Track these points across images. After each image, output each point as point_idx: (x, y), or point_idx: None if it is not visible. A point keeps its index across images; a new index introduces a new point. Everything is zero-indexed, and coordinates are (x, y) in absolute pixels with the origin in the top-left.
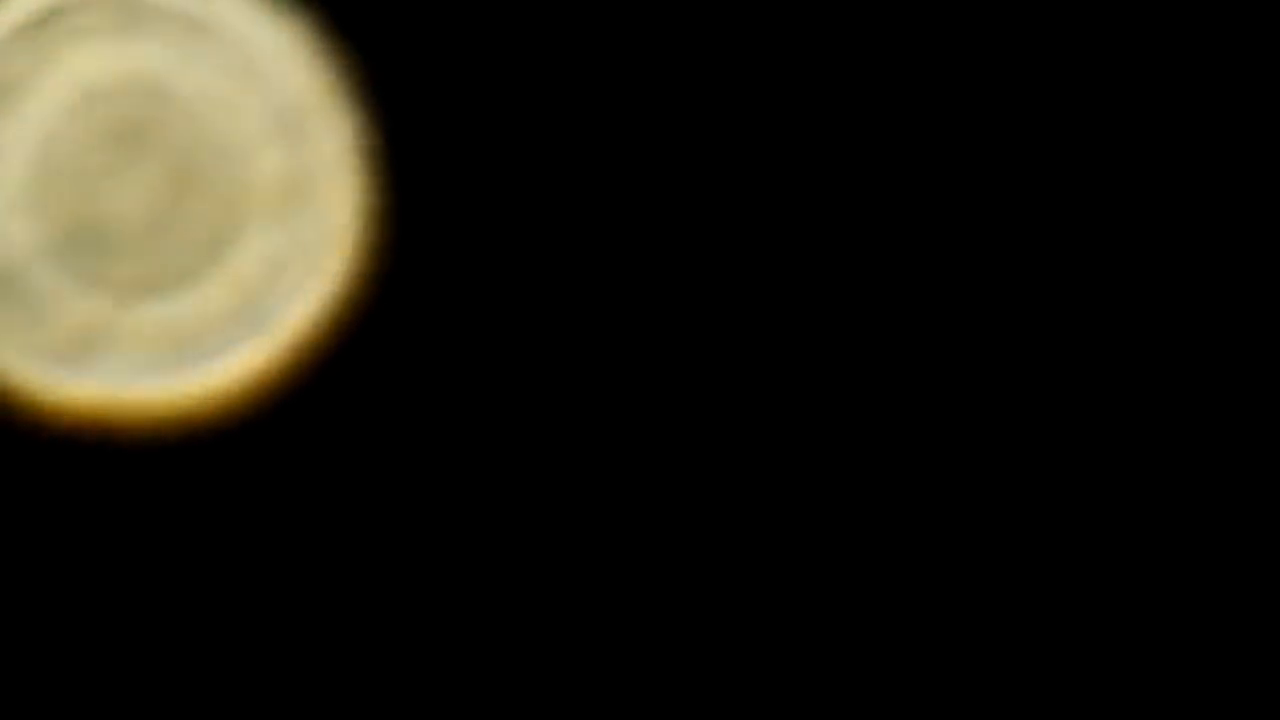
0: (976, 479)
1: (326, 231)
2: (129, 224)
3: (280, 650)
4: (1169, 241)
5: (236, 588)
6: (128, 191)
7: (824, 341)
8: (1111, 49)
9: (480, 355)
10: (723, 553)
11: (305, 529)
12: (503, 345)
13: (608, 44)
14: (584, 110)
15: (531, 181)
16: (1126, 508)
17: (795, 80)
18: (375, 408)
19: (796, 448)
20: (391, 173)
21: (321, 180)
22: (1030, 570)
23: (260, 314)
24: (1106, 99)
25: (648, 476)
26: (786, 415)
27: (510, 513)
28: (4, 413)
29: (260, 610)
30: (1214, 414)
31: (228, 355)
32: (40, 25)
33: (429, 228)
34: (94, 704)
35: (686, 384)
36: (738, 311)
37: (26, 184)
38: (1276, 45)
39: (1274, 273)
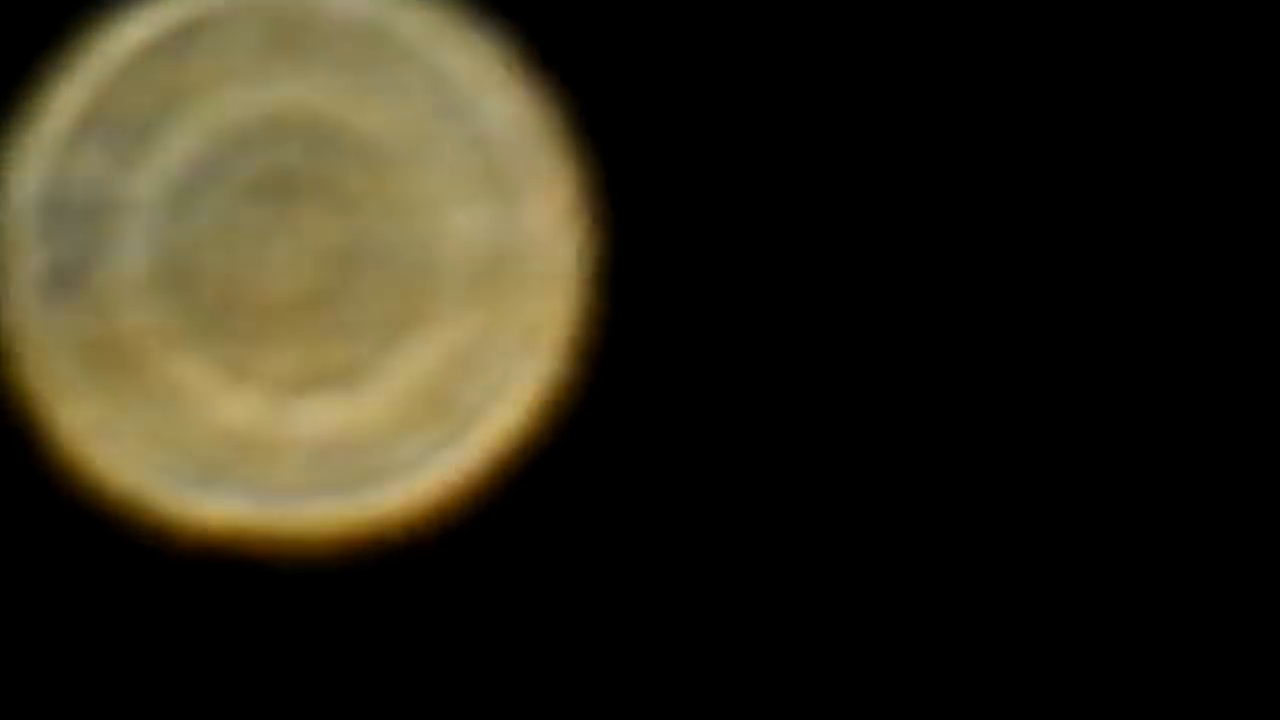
0: (983, 479)
1: (534, 316)
2: (284, 303)
3: None
4: (1169, 241)
5: None
6: (283, 262)
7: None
8: (1111, 49)
9: (708, 463)
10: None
11: (490, 674)
12: (735, 451)
13: (843, 81)
14: (827, 154)
15: (776, 252)
16: (1126, 508)
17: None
18: (577, 533)
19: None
20: (618, 242)
21: (530, 250)
22: (1031, 570)
23: (448, 419)
24: (1106, 99)
25: (873, 571)
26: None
27: (743, 633)
28: (132, 540)
29: None
30: (1214, 414)
31: (406, 469)
32: (172, 47)
33: (660, 311)
34: None
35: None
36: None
37: (156, 252)
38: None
39: (1274, 273)
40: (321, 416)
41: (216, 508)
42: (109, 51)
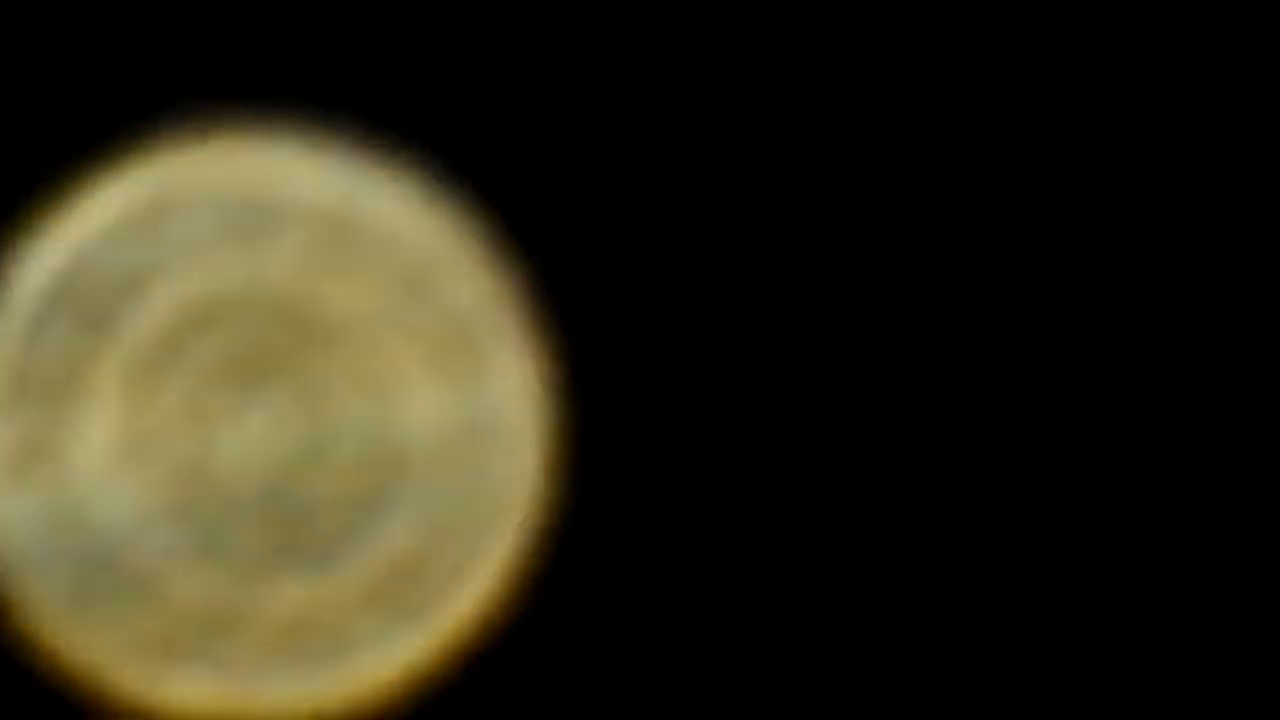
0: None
1: (501, 493)
2: (250, 482)
3: None
4: (1169, 242)
5: None
6: (249, 440)
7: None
8: (1111, 49)
9: (676, 638)
10: None
11: None
12: (704, 626)
13: (815, 255)
14: (796, 323)
15: (747, 420)
16: (1128, 508)
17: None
18: (543, 709)
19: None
20: (582, 419)
21: (497, 428)
22: (1036, 571)
23: (413, 598)
24: (1106, 99)
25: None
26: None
27: None
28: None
29: None
30: (1214, 414)
31: (372, 649)
32: (139, 227)
33: (627, 488)
34: None
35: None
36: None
37: (122, 431)
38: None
39: (1274, 273)
40: (288, 595)
41: (181, 686)
42: (73, 232)
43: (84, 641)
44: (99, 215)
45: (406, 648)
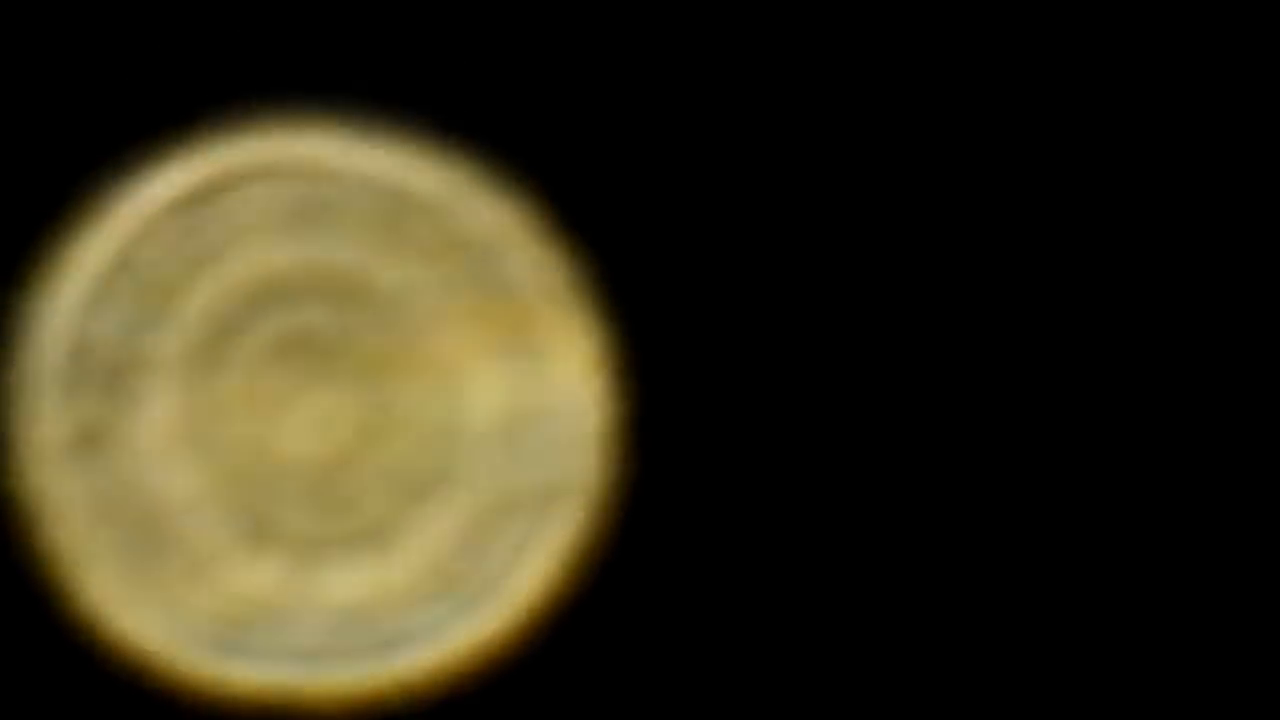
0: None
1: (559, 476)
2: (307, 465)
3: None
4: (1169, 242)
5: None
6: (306, 423)
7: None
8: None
9: (735, 627)
10: None
11: None
12: (763, 616)
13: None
14: (858, 312)
15: (804, 410)
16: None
17: None
18: (602, 697)
19: None
20: (642, 401)
21: (554, 410)
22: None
23: (474, 580)
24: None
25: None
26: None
27: None
28: (153, 706)
29: None
30: (1214, 414)
31: (430, 633)
32: (198, 208)
33: (685, 471)
34: None
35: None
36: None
37: (177, 414)
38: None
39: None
40: (345, 580)
41: (238, 672)
42: (130, 210)
43: (139, 627)
44: (157, 196)
45: (462, 635)
